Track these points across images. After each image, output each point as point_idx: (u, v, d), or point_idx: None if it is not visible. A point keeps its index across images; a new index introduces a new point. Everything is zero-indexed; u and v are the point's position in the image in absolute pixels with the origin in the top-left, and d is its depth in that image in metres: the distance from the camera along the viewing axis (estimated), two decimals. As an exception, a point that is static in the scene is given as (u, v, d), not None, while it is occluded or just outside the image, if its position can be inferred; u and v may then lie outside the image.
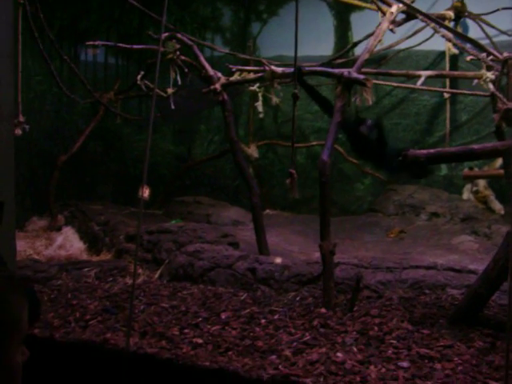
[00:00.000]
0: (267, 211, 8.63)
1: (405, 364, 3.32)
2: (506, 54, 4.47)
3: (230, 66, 6.41)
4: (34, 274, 5.29)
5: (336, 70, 5.23)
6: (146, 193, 4.02)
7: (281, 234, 7.13)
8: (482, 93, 6.50)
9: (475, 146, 3.79)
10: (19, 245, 5.83)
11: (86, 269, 5.60)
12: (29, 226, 7.72)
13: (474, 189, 7.72)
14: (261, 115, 8.31)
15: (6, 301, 1.67)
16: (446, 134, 8.05)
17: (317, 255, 4.86)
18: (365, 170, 8.63)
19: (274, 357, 3.49)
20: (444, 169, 8.36)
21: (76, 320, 4.20)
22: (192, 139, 9.95)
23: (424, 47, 7.89)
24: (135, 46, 7.00)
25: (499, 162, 6.92)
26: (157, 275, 5.54)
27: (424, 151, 3.53)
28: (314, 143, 8.71)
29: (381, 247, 6.54)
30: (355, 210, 8.75)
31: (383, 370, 3.24)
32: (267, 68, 5.78)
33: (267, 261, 5.23)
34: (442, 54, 8.17)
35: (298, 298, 4.68)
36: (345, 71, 4.91)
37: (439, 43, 7.60)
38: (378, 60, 8.17)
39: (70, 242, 6.76)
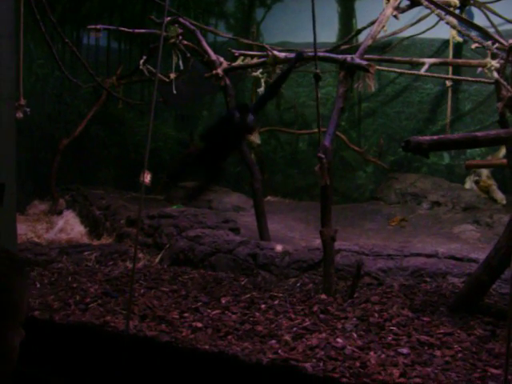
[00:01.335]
0: (268, 198, 8.60)
1: (405, 350, 3.32)
2: (511, 41, 4.42)
3: (233, 51, 6.37)
4: (34, 256, 5.30)
5: (339, 56, 5.21)
6: (147, 178, 4.01)
7: (282, 221, 7.12)
8: (485, 80, 6.47)
9: (478, 134, 3.76)
10: (20, 228, 5.83)
11: (87, 252, 5.60)
12: (30, 209, 7.73)
13: (475, 178, 7.70)
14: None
15: (6, 282, 1.65)
16: (447, 123, 8.01)
17: (318, 242, 4.85)
18: (367, 157, 8.62)
19: (273, 341, 3.49)
20: (446, 158, 8.33)
21: (76, 303, 4.20)
22: (194, 125, 9.91)
23: (429, 35, 7.82)
24: (137, 31, 6.92)
25: (503, 151, 6.89)
26: (157, 259, 5.54)
27: (427, 137, 3.49)
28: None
29: (382, 235, 6.52)
30: (357, 197, 8.72)
31: (383, 356, 3.24)
32: (270, 53, 5.74)
33: (268, 246, 5.23)
34: (446, 42, 8.10)
35: (298, 284, 4.69)
36: (348, 57, 4.89)
37: (444, 31, 7.54)
38: (383, 47, 8.11)
39: (70, 226, 6.76)
